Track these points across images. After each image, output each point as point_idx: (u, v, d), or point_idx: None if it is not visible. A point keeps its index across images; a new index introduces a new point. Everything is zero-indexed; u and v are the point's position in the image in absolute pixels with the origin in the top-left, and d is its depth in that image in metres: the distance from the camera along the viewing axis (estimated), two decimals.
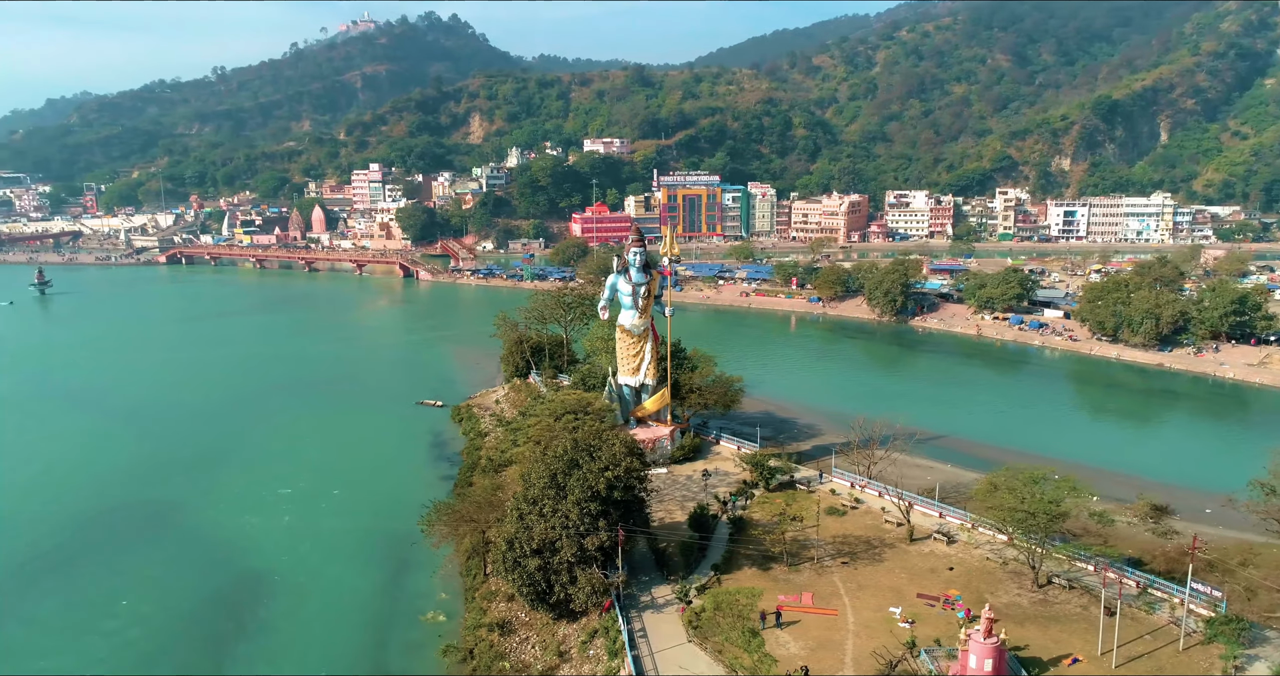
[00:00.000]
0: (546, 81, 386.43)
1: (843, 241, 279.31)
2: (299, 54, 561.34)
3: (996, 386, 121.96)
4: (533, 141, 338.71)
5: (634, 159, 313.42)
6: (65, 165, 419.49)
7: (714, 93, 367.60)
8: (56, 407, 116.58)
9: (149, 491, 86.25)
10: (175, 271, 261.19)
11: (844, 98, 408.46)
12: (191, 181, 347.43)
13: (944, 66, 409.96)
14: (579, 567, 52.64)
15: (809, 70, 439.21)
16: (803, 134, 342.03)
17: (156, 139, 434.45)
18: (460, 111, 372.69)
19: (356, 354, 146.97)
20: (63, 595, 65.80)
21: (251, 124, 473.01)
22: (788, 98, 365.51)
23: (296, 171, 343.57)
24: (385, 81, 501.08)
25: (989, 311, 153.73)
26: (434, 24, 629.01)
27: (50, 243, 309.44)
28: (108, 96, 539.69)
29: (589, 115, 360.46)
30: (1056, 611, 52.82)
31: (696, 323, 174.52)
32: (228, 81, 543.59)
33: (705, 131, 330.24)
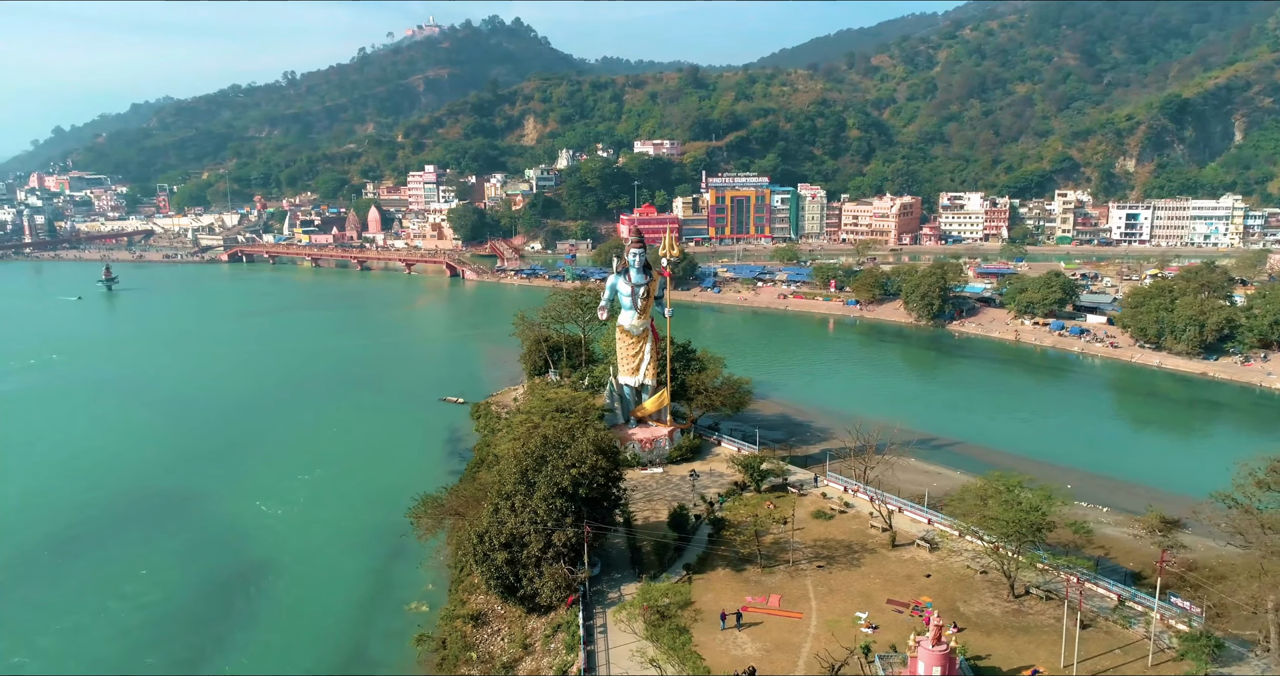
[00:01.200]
0: (600, 84, 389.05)
1: (893, 244, 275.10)
2: (365, 58, 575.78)
3: (1026, 393, 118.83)
4: (585, 143, 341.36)
5: (683, 160, 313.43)
6: (143, 167, 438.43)
7: (767, 94, 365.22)
8: (103, 397, 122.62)
9: (174, 478, 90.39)
10: (236, 269, 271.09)
11: (902, 98, 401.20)
12: (257, 182, 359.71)
13: (1007, 65, 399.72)
14: (545, 562, 53.51)
15: (867, 70, 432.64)
16: (857, 135, 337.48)
17: (228, 141, 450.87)
18: (515, 114, 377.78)
19: (391, 351, 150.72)
20: (88, 567, 70.65)
21: (318, 127, 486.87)
22: (842, 98, 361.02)
23: (355, 173, 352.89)
24: (447, 85, 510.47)
25: (1029, 316, 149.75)
26: (497, 28, 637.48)
27: (124, 241, 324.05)
28: (185, 101, 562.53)
29: (641, 117, 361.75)
30: (1029, 622, 51.69)
31: (730, 324, 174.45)
32: (297, 86, 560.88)
33: (757, 133, 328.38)
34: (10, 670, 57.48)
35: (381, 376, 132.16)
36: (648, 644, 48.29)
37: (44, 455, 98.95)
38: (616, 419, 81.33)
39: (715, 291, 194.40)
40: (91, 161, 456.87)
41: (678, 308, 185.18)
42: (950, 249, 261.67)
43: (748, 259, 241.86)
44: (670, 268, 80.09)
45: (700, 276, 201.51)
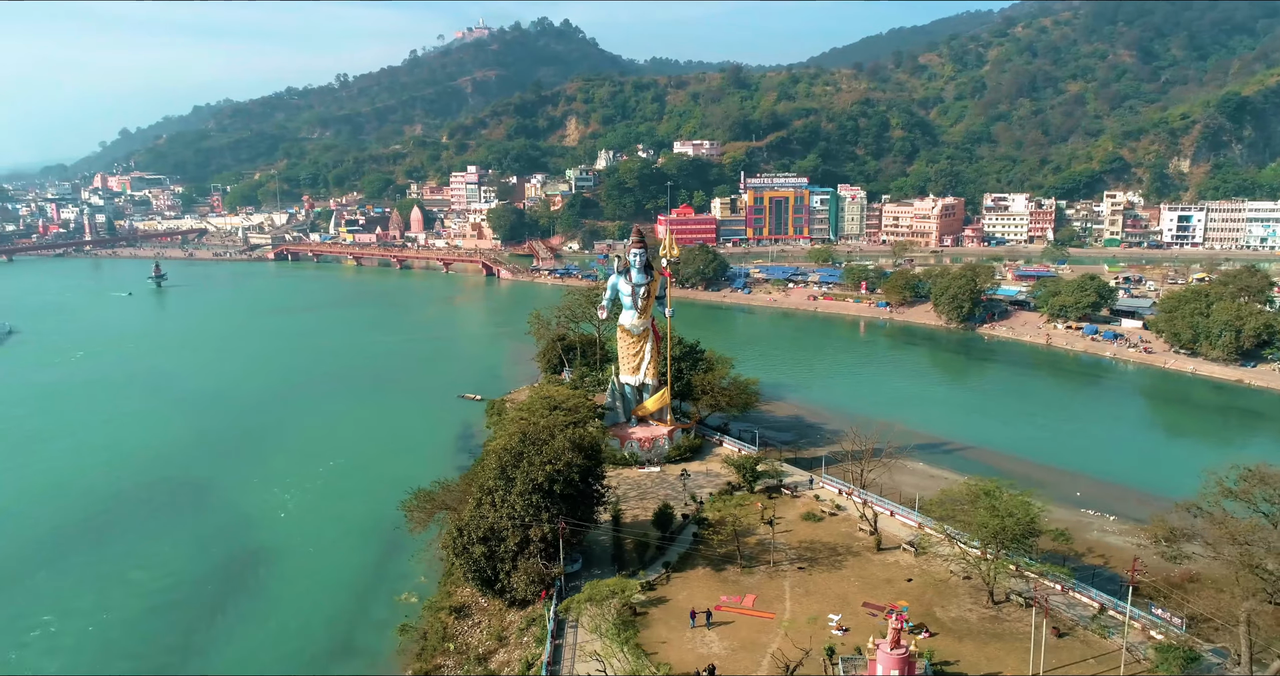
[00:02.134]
0: (642, 84, 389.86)
1: (934, 245, 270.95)
2: (415, 61, 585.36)
3: (1049, 399, 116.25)
4: (626, 144, 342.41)
5: (723, 161, 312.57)
6: (199, 167, 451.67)
7: (810, 93, 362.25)
8: (136, 389, 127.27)
9: (194, 467, 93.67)
10: (281, 267, 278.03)
11: (950, 97, 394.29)
12: (306, 182, 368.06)
13: (1059, 63, 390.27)
14: (522, 557, 54.28)
15: (914, 69, 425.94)
16: (900, 135, 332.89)
17: (280, 142, 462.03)
18: (557, 115, 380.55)
19: (418, 348, 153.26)
20: (104, 549, 74.25)
21: (368, 128, 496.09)
22: (885, 98, 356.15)
23: (400, 173, 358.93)
24: (494, 86, 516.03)
25: (1062, 320, 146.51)
26: (545, 29, 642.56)
27: (179, 239, 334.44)
28: (241, 103, 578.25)
29: (683, 118, 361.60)
30: (1004, 629, 50.91)
31: (757, 325, 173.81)
32: (349, 88, 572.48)
33: (798, 133, 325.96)
34: (23, 643, 60.46)
35: (406, 372, 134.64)
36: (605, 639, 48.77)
37: (77, 443, 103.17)
38: (618, 417, 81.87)
39: (746, 292, 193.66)
40: (152, 162, 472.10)
41: (708, 308, 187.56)
42: (992, 251, 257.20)
43: (784, 260, 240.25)
44: (671, 268, 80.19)
45: (731, 277, 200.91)
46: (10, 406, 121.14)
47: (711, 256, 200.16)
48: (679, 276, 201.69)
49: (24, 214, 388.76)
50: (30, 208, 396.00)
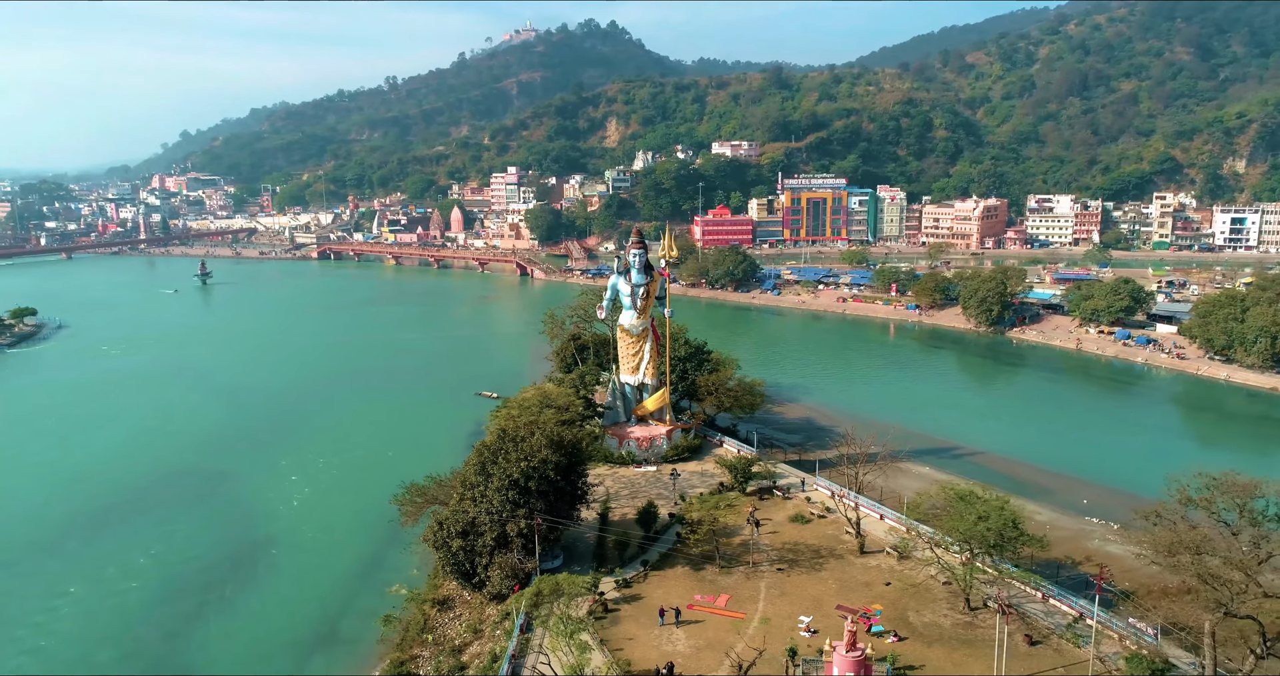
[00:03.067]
0: (683, 85, 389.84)
1: (975, 247, 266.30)
2: (463, 63, 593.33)
3: (1071, 404, 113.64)
4: (665, 145, 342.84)
5: (761, 162, 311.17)
6: (252, 168, 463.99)
7: (852, 93, 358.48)
8: (172, 381, 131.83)
9: (215, 458, 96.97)
10: (323, 266, 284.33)
11: (997, 96, 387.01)
12: (351, 183, 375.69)
13: (1112, 61, 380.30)
14: (498, 551, 55.16)
15: (961, 68, 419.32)
16: (943, 135, 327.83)
17: (330, 144, 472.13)
18: (598, 116, 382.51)
19: (444, 345, 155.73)
20: (120, 532, 77.99)
21: (415, 130, 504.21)
22: (929, 97, 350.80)
23: (443, 174, 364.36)
24: (539, 88, 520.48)
25: (1094, 324, 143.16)
26: (592, 31, 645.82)
27: (229, 238, 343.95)
28: (295, 106, 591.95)
29: (723, 118, 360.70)
30: (976, 635, 50.24)
31: (782, 327, 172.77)
32: (398, 90, 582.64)
33: (838, 133, 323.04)
34: (52, 608, 65.19)
35: (430, 369, 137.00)
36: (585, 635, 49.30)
37: (112, 432, 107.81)
38: (618, 417, 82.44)
39: (775, 294, 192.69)
40: (207, 163, 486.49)
41: (737, 309, 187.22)
42: (1035, 253, 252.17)
43: (819, 262, 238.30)
44: (669, 268, 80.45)
45: (761, 279, 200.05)
46: (55, 396, 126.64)
47: (741, 257, 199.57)
48: (709, 278, 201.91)
49: (85, 213, 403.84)
50: (92, 207, 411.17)
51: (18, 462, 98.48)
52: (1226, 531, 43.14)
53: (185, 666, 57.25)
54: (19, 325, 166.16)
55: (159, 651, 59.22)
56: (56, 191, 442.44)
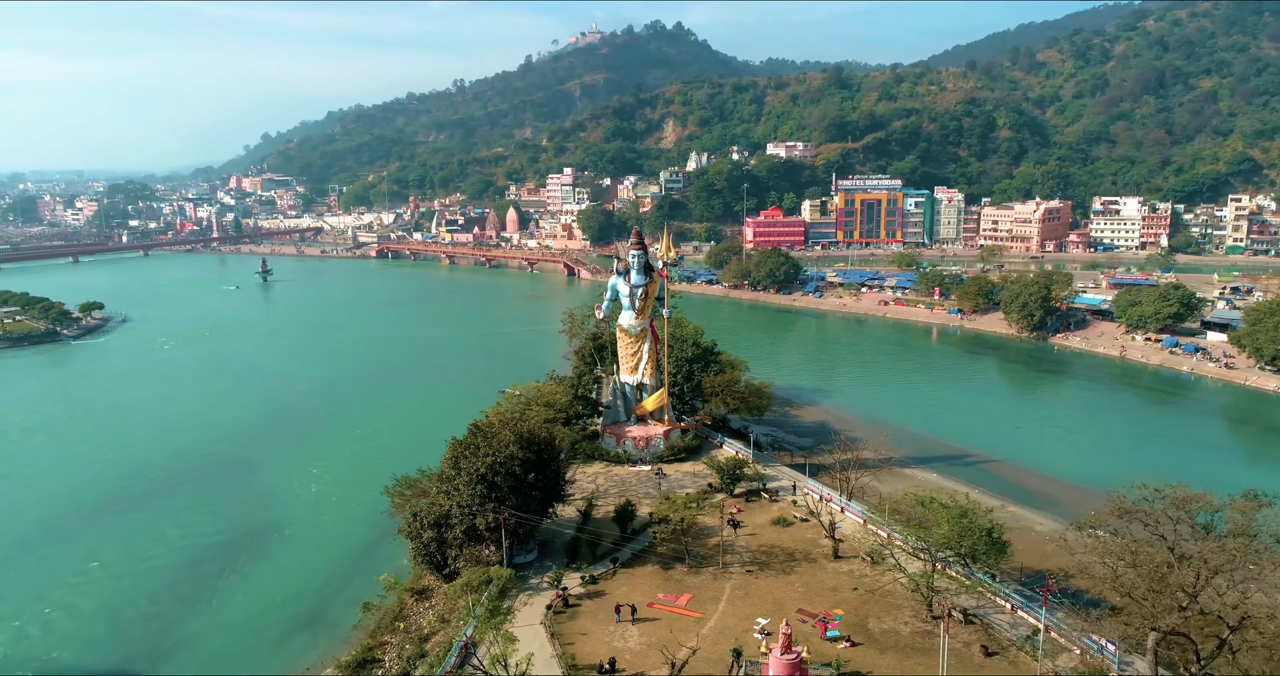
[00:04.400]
0: (741, 86, 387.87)
1: (1035, 251, 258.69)
2: (529, 66, 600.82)
3: (1102, 414, 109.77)
4: (721, 145, 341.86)
5: (815, 162, 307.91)
6: (323, 169, 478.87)
7: (914, 93, 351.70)
8: (216, 373, 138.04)
9: (244, 445, 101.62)
10: (381, 265, 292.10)
11: (1068, 95, 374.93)
12: (414, 183, 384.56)
13: (1192, 58, 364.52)
14: (468, 544, 56.47)
15: (1032, 66, 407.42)
16: (1007, 135, 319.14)
17: (396, 145, 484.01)
18: (655, 117, 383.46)
19: (479, 342, 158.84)
20: (140, 515, 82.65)
21: (480, 132, 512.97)
22: (993, 96, 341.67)
23: (501, 175, 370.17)
24: (602, 89, 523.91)
25: (1141, 331, 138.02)
26: (657, 33, 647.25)
27: (296, 237, 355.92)
28: (366, 108, 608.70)
29: (780, 119, 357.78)
30: (934, 644, 49.21)
31: (817, 329, 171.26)
32: (465, 93, 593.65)
33: (897, 134, 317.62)
34: (85, 570, 71.27)
35: (464, 365, 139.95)
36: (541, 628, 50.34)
37: (156, 418, 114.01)
38: (618, 416, 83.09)
39: (816, 296, 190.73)
40: (281, 164, 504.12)
41: (777, 311, 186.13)
42: (1098, 257, 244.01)
43: (871, 264, 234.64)
44: (667, 268, 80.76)
45: (804, 281, 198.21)
46: (110, 385, 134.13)
47: (783, 259, 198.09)
48: (751, 280, 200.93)
49: (166, 212, 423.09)
50: (172, 206, 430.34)
51: (72, 443, 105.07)
52: (1163, 545, 41.52)
53: (192, 627, 61.94)
54: (86, 318, 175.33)
55: (174, 614, 64.15)
56: (141, 191, 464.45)
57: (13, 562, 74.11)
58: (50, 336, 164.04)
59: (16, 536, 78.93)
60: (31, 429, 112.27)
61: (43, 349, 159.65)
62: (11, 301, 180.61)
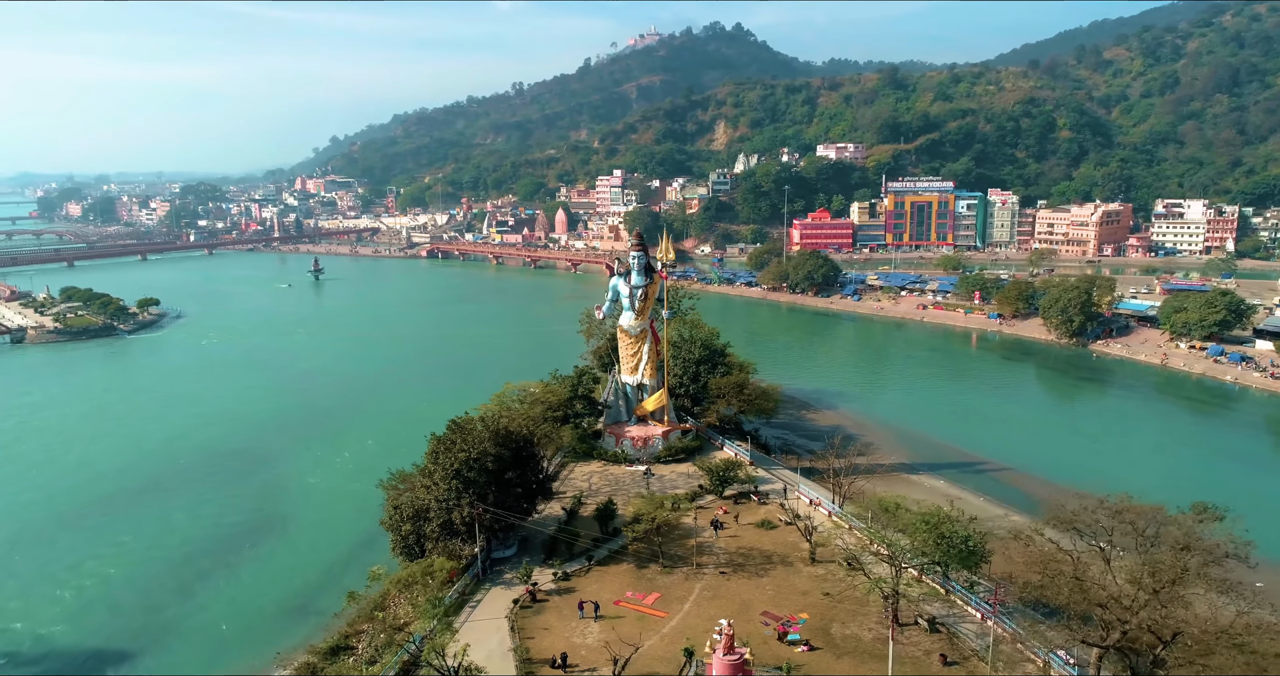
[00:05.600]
0: (794, 87, 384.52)
1: (1092, 255, 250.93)
2: (586, 68, 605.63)
3: (1133, 423, 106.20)
4: (772, 147, 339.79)
5: (866, 164, 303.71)
6: (384, 171, 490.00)
7: (971, 93, 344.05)
8: (256, 368, 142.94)
9: (272, 438, 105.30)
10: (431, 265, 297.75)
11: (1135, 94, 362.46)
12: (468, 185, 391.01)
13: (1271, 55, 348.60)
14: (444, 537, 57.62)
15: (1098, 65, 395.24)
16: (1067, 136, 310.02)
17: (456, 148, 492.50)
18: (707, 119, 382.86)
19: (515, 341, 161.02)
20: (172, 498, 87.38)
21: (537, 134, 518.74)
22: (1054, 96, 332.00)
23: (553, 177, 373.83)
24: (658, 91, 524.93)
25: (1185, 339, 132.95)
26: (716, 34, 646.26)
27: (354, 237, 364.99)
28: (428, 112, 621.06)
29: (833, 120, 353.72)
30: (897, 652, 48.61)
31: (849, 333, 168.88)
32: (523, 95, 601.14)
33: (951, 135, 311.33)
34: (120, 542, 76.75)
35: (487, 363, 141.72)
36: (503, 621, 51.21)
37: (193, 410, 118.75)
38: (619, 415, 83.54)
39: (855, 299, 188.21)
40: (345, 166, 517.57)
41: (814, 315, 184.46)
42: (1159, 262, 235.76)
43: (920, 267, 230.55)
44: (666, 270, 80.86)
45: (843, 283, 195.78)
46: (155, 378, 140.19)
47: (821, 261, 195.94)
48: (790, 282, 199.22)
49: (234, 212, 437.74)
50: (240, 207, 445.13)
51: (113, 433, 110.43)
52: (1100, 557, 40.19)
53: (191, 606, 66.03)
54: (142, 314, 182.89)
55: (180, 592, 68.15)
56: (211, 193, 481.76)
57: (56, 535, 79.24)
58: (107, 330, 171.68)
59: (61, 511, 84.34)
60: (83, 416, 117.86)
61: (100, 342, 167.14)
62: (76, 297, 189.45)
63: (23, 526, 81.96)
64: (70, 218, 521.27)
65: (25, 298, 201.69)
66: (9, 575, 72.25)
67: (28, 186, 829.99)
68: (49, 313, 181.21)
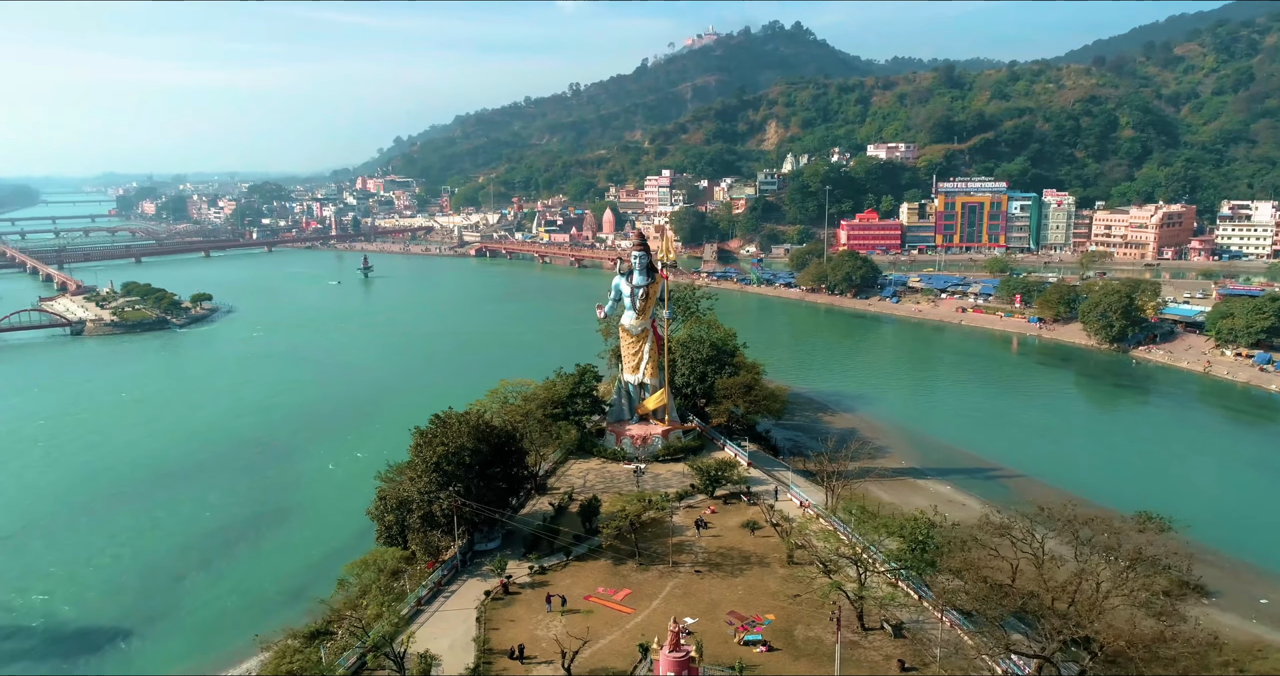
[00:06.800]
0: (847, 87, 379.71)
1: (1151, 257, 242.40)
2: (643, 69, 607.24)
3: (1165, 433, 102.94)
4: (823, 147, 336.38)
5: (917, 164, 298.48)
6: (441, 171, 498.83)
7: (1029, 91, 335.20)
8: (295, 362, 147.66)
9: (290, 430, 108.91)
10: (480, 263, 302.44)
11: (1207, 91, 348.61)
12: (519, 185, 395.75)
13: None
14: (425, 528, 59.04)
15: (1168, 61, 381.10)
16: (1129, 135, 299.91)
17: (512, 149, 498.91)
18: (758, 119, 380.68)
19: (546, 339, 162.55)
20: (204, 482, 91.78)
21: (591, 134, 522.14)
22: (1116, 94, 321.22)
23: (603, 177, 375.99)
24: (713, 91, 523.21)
25: (1232, 346, 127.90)
26: (775, 33, 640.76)
27: (408, 236, 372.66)
28: (486, 112, 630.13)
29: (886, 120, 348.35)
30: (854, 655, 48.38)
31: (887, 336, 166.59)
32: (579, 96, 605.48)
33: (1007, 134, 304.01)
34: (158, 518, 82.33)
35: (519, 360, 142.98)
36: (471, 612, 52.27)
37: (225, 402, 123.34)
38: (622, 414, 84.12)
39: (894, 301, 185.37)
40: (404, 166, 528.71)
41: (852, 317, 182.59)
42: (1223, 266, 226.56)
43: (968, 269, 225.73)
44: (667, 269, 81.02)
45: (882, 285, 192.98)
46: (200, 370, 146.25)
47: (860, 262, 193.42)
48: (828, 284, 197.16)
49: (296, 211, 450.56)
50: (302, 206, 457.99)
51: (152, 422, 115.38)
52: (1034, 563, 39.23)
53: (193, 588, 69.58)
54: (195, 309, 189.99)
55: (188, 574, 72.14)
56: (276, 192, 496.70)
57: (96, 513, 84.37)
58: (160, 324, 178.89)
59: (100, 492, 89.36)
60: (128, 405, 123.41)
61: (153, 335, 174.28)
62: (134, 291, 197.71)
63: (61, 505, 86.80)
64: (145, 216, 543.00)
65: (89, 292, 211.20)
66: (26, 553, 76.61)
67: (111, 186, 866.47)
68: (109, 306, 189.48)
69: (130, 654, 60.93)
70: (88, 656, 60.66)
